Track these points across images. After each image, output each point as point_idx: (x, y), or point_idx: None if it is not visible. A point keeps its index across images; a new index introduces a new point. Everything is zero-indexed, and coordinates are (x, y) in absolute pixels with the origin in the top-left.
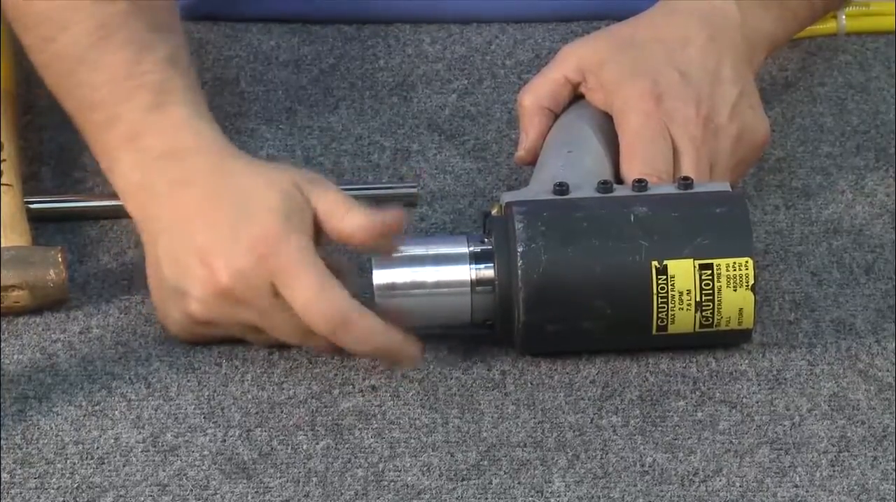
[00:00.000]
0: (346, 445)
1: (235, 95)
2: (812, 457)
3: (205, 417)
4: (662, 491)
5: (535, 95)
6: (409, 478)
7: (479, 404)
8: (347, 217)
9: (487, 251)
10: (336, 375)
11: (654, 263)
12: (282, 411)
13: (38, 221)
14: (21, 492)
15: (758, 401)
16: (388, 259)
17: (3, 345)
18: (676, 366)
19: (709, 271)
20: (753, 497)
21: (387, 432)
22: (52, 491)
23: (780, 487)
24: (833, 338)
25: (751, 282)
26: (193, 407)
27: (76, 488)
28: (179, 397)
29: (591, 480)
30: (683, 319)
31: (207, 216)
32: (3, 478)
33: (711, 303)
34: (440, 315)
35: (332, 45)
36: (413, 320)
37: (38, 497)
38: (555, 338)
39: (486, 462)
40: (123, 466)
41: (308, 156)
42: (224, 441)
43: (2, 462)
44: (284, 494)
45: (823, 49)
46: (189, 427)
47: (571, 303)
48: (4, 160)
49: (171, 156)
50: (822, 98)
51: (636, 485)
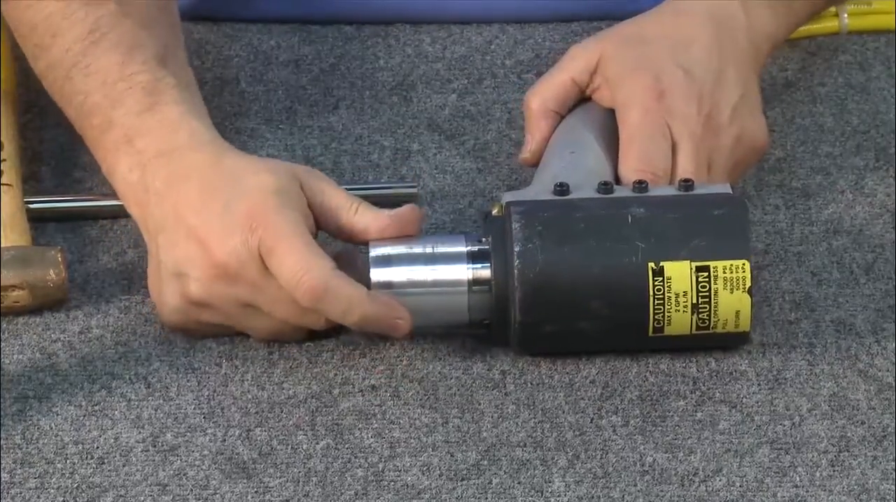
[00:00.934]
0: (346, 445)
1: (235, 95)
2: (812, 457)
3: (205, 417)
4: (662, 491)
5: (542, 98)
6: (409, 478)
7: (479, 404)
8: (361, 212)
9: (485, 251)
10: (336, 375)
11: (651, 265)
12: (282, 411)
13: (38, 221)
14: (21, 492)
15: (758, 401)
16: (386, 257)
17: (3, 344)
18: (676, 365)
19: (705, 273)
20: (753, 497)
21: (387, 432)
22: (52, 491)
23: (780, 487)
24: (833, 338)
25: (748, 284)
26: (193, 407)
27: (76, 488)
28: (179, 397)
29: (591, 480)
30: (680, 321)
31: (203, 204)
32: (3, 478)
33: (708, 306)
34: (437, 314)
35: (332, 44)
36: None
37: (38, 496)
38: (551, 339)
39: (486, 461)
40: (123, 466)
41: (308, 156)
42: (224, 441)
43: (2, 461)
44: (284, 494)
45: (823, 49)
46: (189, 427)
47: (567, 304)
48: (4, 160)
49: (167, 155)
50: (822, 98)
51: (636, 485)
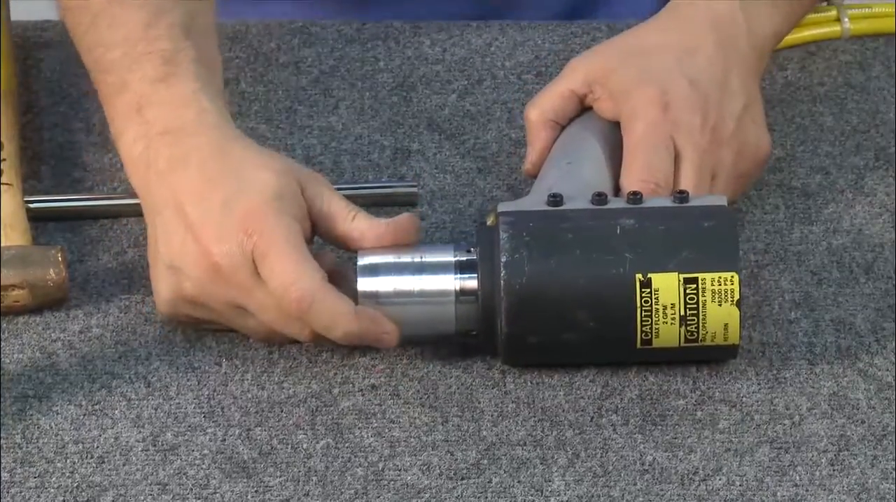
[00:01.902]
0: (346, 444)
1: (236, 96)
2: (812, 456)
3: (205, 416)
4: (662, 490)
5: (541, 109)
6: (409, 477)
7: (479, 403)
8: (358, 220)
9: (473, 261)
10: (336, 374)
11: (639, 276)
12: (282, 410)
13: (38, 221)
14: (21, 491)
15: (758, 401)
16: (373, 267)
17: (3, 344)
18: (676, 365)
19: (693, 285)
20: (753, 496)
21: (387, 431)
22: (52, 491)
23: (780, 486)
24: (833, 338)
25: (736, 297)
26: (193, 407)
27: (76, 487)
28: (179, 396)
29: (591, 479)
30: (668, 333)
31: (202, 195)
32: (3, 477)
33: (696, 318)
34: (423, 325)
35: (333, 46)
36: None
37: (38, 496)
38: (538, 350)
39: (486, 460)
40: (123, 465)
41: (308, 156)
42: (224, 440)
43: (2, 461)
44: (284, 493)
45: (823, 49)
46: (189, 426)
47: (554, 315)
48: (4, 160)
49: (173, 134)
50: (822, 98)
51: (636, 484)
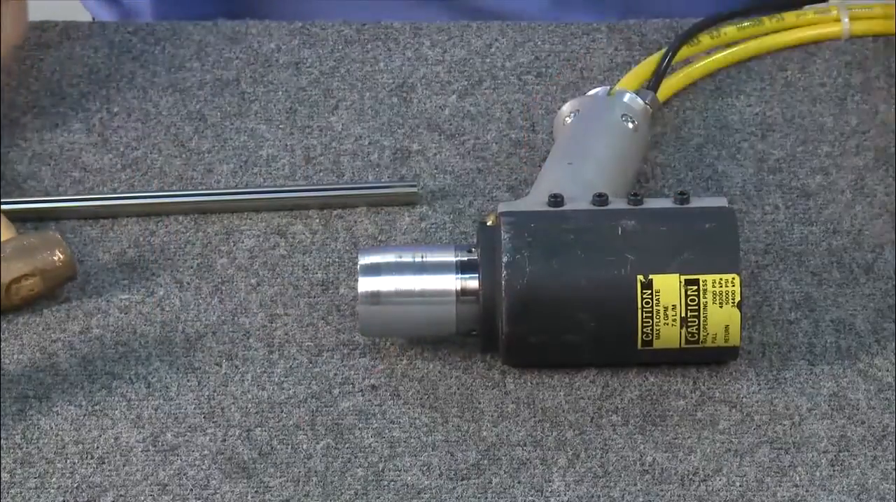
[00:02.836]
0: (346, 445)
1: (236, 96)
2: (812, 457)
3: (205, 417)
4: (662, 491)
5: None
6: (409, 478)
7: (479, 403)
8: None
9: (474, 261)
10: (336, 375)
11: (640, 277)
12: (282, 411)
13: (39, 221)
14: (21, 492)
15: (758, 401)
16: (374, 266)
17: (3, 344)
18: (676, 365)
19: (694, 287)
20: (753, 496)
21: (387, 431)
22: (52, 491)
23: (780, 487)
24: (833, 338)
25: (737, 299)
26: (193, 407)
27: (76, 488)
28: (179, 397)
29: (591, 479)
30: (669, 334)
31: None
32: (3, 478)
33: (697, 319)
34: (424, 324)
35: (333, 47)
36: (397, 329)
37: (38, 496)
38: (538, 351)
39: (486, 461)
40: (123, 466)
41: (308, 156)
42: (224, 440)
43: (2, 461)
44: (284, 494)
45: (823, 49)
46: (189, 426)
47: (555, 315)
48: None
49: None
50: (822, 98)
51: (636, 485)
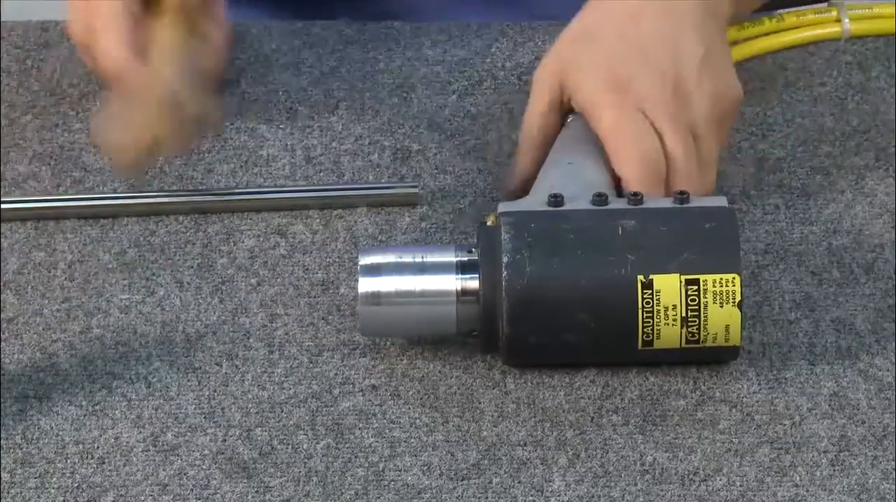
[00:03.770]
0: (347, 445)
1: (236, 96)
2: (812, 457)
3: (205, 417)
4: (662, 491)
5: (529, 134)
6: (410, 478)
7: (480, 403)
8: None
9: (474, 261)
10: (336, 375)
11: (640, 277)
12: (282, 411)
13: (38, 220)
14: (21, 492)
15: (758, 401)
16: (374, 266)
17: (3, 344)
18: (677, 365)
19: (695, 286)
20: (754, 496)
21: (387, 431)
22: (53, 491)
23: (781, 486)
24: (833, 338)
25: (737, 298)
26: (194, 407)
27: (76, 488)
28: (180, 397)
29: (592, 479)
30: (669, 334)
31: None
32: (4, 478)
33: (697, 319)
34: (424, 324)
35: (333, 48)
36: (397, 329)
37: (39, 496)
38: (539, 351)
39: (487, 461)
40: (124, 466)
41: (308, 156)
42: (224, 440)
43: (2, 461)
44: (285, 494)
45: (823, 49)
46: (189, 426)
47: (555, 316)
48: None
49: None
50: (822, 98)
51: (636, 484)
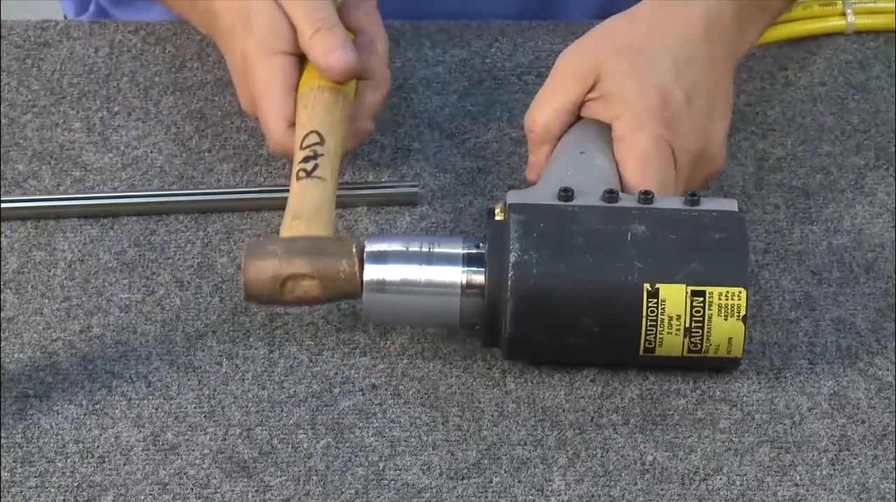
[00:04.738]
0: (347, 444)
1: (237, 96)
2: (812, 456)
3: (205, 416)
4: (663, 490)
5: (546, 126)
6: (410, 477)
7: (480, 402)
8: (317, 38)
9: (482, 255)
10: (336, 374)
11: (647, 285)
12: (282, 410)
13: (38, 219)
14: (21, 491)
15: (758, 400)
16: (381, 254)
17: (4, 344)
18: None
19: (700, 298)
20: (754, 495)
21: (387, 431)
22: (53, 490)
23: (781, 486)
24: (833, 337)
25: (742, 312)
26: (194, 406)
27: (76, 487)
28: (180, 396)
29: (592, 478)
30: (671, 343)
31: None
32: (4, 477)
33: (701, 330)
34: (428, 315)
35: None
36: (400, 318)
37: (39, 495)
38: (540, 350)
39: (487, 460)
40: (124, 465)
41: None
42: (224, 439)
43: (2, 460)
44: (285, 493)
45: (823, 48)
46: (189, 426)
47: (559, 318)
48: (322, 156)
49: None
50: (822, 97)
51: (636, 484)
